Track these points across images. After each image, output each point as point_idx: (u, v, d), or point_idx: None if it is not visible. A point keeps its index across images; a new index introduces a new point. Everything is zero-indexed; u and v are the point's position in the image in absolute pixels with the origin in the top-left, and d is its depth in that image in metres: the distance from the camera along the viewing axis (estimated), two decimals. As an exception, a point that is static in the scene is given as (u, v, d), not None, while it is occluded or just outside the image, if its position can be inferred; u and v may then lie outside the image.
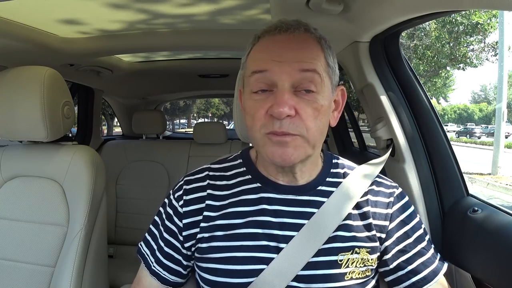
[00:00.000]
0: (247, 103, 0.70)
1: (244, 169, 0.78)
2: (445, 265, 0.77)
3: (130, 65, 2.09)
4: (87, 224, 1.09)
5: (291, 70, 0.64)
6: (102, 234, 1.18)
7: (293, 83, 0.64)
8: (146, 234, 0.81)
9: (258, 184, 0.74)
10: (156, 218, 0.81)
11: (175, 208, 0.76)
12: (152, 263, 0.78)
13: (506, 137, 11.87)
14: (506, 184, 7.39)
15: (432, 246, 0.78)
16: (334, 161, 0.80)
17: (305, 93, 0.65)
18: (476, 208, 0.88)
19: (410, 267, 0.74)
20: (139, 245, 0.82)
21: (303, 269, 0.68)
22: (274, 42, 0.68)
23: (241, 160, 0.80)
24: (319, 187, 0.74)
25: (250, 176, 0.76)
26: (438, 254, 0.78)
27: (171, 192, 0.80)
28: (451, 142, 1.03)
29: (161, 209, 0.80)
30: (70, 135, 2.55)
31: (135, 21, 1.40)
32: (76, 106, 2.44)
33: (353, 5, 0.90)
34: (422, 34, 10.89)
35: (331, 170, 0.77)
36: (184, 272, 0.78)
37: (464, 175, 1.00)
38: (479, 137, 19.42)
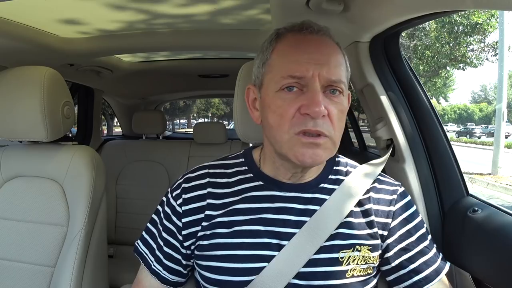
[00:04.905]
0: (273, 101, 0.67)
1: (246, 168, 0.77)
2: (447, 265, 0.77)
3: (130, 65, 2.09)
4: (87, 224, 1.09)
5: (325, 74, 0.65)
6: (102, 234, 1.18)
7: (323, 84, 0.65)
8: (144, 233, 0.81)
9: (260, 182, 0.74)
10: (154, 216, 0.80)
11: (173, 207, 0.76)
12: (152, 262, 0.78)
13: (506, 137, 11.87)
14: (506, 184, 7.39)
15: (434, 245, 0.78)
16: (337, 159, 0.80)
17: (333, 94, 0.66)
18: (476, 208, 0.88)
19: (412, 266, 0.73)
20: (136, 244, 0.81)
21: (304, 266, 0.68)
22: (305, 42, 0.67)
23: (243, 159, 0.79)
24: (322, 185, 0.75)
25: (251, 175, 0.76)
26: (440, 253, 0.78)
27: (169, 190, 0.79)
28: (451, 142, 1.03)
29: (159, 207, 0.80)
30: (70, 135, 2.55)
31: (135, 21, 1.40)
32: (76, 106, 2.44)
33: (353, 5, 0.89)
34: (422, 34, 10.90)
35: (334, 168, 0.78)
36: (185, 272, 0.78)
37: (464, 175, 1.00)
38: (479, 137, 19.42)
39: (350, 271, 0.69)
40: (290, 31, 0.70)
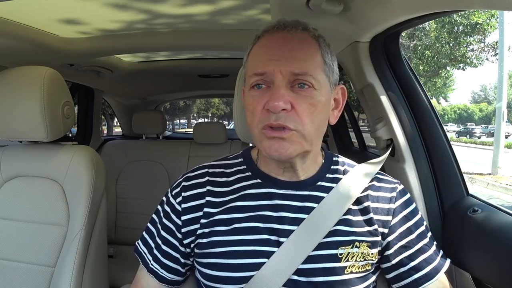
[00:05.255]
0: (246, 99, 0.71)
1: (245, 167, 0.78)
2: (447, 262, 0.77)
3: (130, 65, 2.09)
4: (87, 224, 1.09)
5: (286, 68, 0.66)
6: (102, 234, 1.18)
7: (289, 79, 0.66)
8: (144, 233, 0.81)
9: (259, 180, 0.75)
10: (154, 216, 0.81)
11: (172, 206, 0.77)
12: (150, 261, 0.78)
13: (506, 137, 11.88)
14: (506, 184, 7.39)
15: (434, 243, 0.78)
16: (335, 158, 0.80)
17: (301, 88, 0.66)
18: (476, 208, 0.88)
19: (412, 264, 0.74)
20: (137, 243, 0.82)
21: (304, 262, 0.68)
22: (272, 41, 0.70)
23: (241, 159, 0.80)
24: (319, 183, 0.75)
25: (250, 173, 0.77)
26: (440, 251, 0.78)
27: (169, 190, 0.80)
28: (451, 142, 1.03)
29: (159, 207, 0.81)
30: (70, 135, 2.55)
31: (135, 21, 1.40)
32: (76, 106, 2.44)
33: (353, 5, 0.90)
34: (422, 34, 10.90)
35: (331, 167, 0.78)
36: (182, 270, 0.78)
37: (464, 175, 1.00)
38: (479, 137, 19.43)
39: (349, 268, 0.70)
40: (265, 31, 0.72)
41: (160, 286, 0.79)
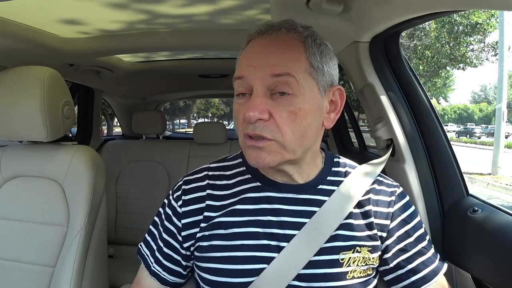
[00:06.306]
0: (234, 106, 0.71)
1: (244, 168, 0.78)
2: (445, 265, 0.77)
3: (130, 65, 2.09)
4: (87, 224, 1.09)
5: (263, 75, 0.64)
6: (102, 234, 1.18)
7: (268, 86, 0.64)
8: (146, 235, 0.81)
9: (258, 183, 0.74)
10: (156, 218, 0.81)
11: (174, 209, 0.76)
12: (152, 263, 0.78)
13: (506, 137, 11.89)
14: (506, 184, 7.39)
15: (432, 246, 0.78)
16: (335, 160, 0.79)
17: (280, 96, 0.64)
18: (476, 208, 0.88)
19: (410, 266, 0.73)
20: (139, 246, 0.82)
21: (305, 268, 0.68)
22: (253, 46, 0.69)
23: (240, 160, 0.80)
24: (320, 186, 0.74)
25: (249, 176, 0.76)
26: (438, 254, 0.78)
27: (170, 192, 0.80)
28: (451, 142, 1.03)
29: (160, 209, 0.80)
30: (70, 135, 2.55)
31: (135, 21, 1.40)
32: (76, 106, 2.44)
33: (353, 5, 0.90)
34: (422, 34, 10.91)
35: (332, 169, 0.77)
36: (184, 273, 0.78)
37: (464, 175, 1.00)
38: (479, 137, 19.45)
39: (351, 273, 0.69)
40: (251, 36, 0.71)
41: None
